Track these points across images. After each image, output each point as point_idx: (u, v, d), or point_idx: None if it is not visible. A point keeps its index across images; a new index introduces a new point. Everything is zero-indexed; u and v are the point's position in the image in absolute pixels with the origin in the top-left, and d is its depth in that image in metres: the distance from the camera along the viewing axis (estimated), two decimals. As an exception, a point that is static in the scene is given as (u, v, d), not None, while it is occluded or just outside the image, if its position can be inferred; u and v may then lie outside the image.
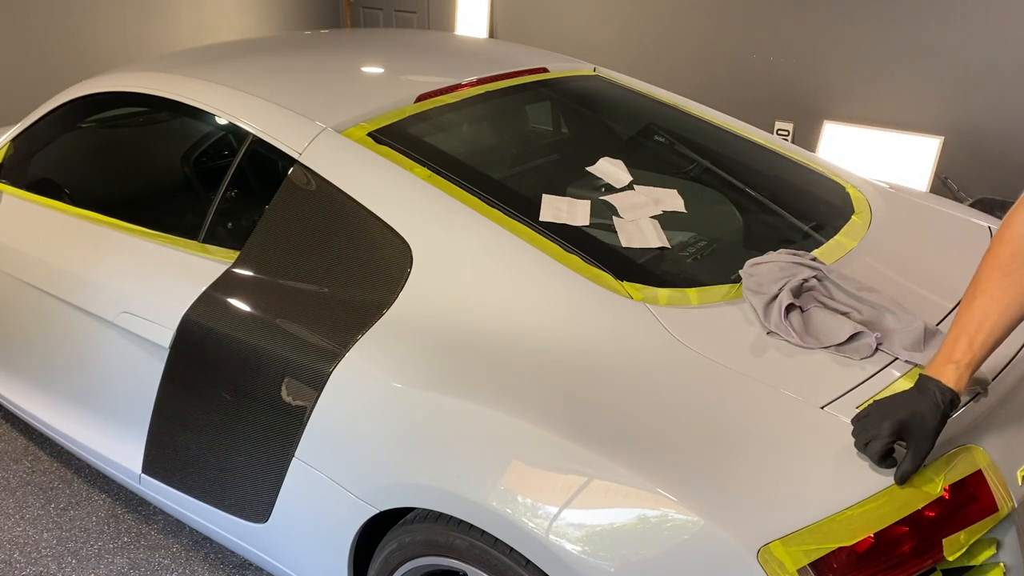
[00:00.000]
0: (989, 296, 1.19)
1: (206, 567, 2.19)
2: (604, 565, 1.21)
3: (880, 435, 1.18)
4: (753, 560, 1.15)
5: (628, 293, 1.48)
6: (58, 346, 2.16)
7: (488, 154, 2.01)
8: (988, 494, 1.26)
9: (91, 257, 2.03)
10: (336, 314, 1.59)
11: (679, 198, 1.83)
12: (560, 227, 1.63)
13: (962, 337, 1.20)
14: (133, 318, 1.87)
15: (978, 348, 1.19)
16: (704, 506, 1.18)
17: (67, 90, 2.31)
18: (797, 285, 1.48)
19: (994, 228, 1.95)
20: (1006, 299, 1.18)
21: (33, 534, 2.30)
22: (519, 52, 2.42)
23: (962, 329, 1.21)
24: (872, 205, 1.97)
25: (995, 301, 1.19)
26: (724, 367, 1.37)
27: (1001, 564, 1.29)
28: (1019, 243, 1.19)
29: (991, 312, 1.18)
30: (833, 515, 1.17)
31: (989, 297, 1.19)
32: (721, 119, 2.36)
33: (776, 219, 1.90)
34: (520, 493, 1.28)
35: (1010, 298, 1.18)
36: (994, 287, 1.19)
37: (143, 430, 1.96)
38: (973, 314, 1.20)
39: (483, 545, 1.37)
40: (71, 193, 2.29)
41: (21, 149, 2.43)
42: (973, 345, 1.18)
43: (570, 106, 2.30)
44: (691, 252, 1.71)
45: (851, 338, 1.41)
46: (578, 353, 1.41)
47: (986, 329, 1.19)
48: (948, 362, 1.20)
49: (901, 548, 1.19)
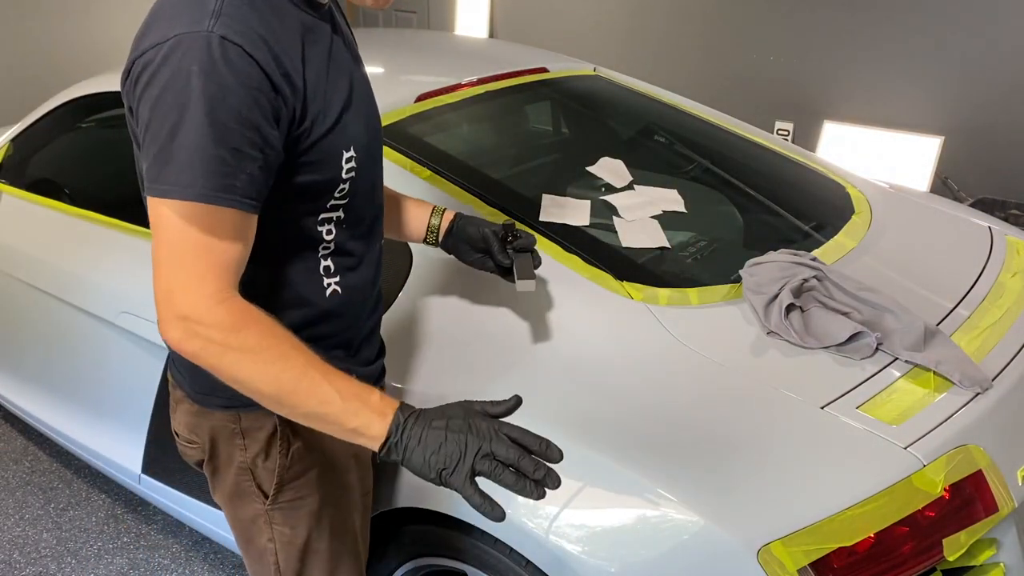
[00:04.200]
0: None
1: (206, 567, 2.19)
2: (604, 565, 1.21)
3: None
4: (753, 560, 1.15)
5: (628, 293, 1.48)
6: (58, 346, 2.16)
7: (488, 154, 2.01)
8: (988, 494, 1.26)
9: (91, 257, 2.03)
10: (336, 314, 1.59)
11: (679, 198, 1.82)
12: (560, 227, 1.62)
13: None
14: (133, 318, 1.87)
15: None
16: (704, 506, 1.18)
17: (67, 90, 2.31)
18: (797, 285, 1.48)
19: (994, 228, 1.95)
20: None
21: (33, 534, 2.30)
22: (519, 52, 2.42)
23: None
24: (872, 205, 1.97)
25: None
26: (724, 367, 1.37)
27: (1001, 564, 1.29)
28: None
29: None
30: (833, 515, 1.17)
31: None
32: (721, 119, 2.36)
33: (776, 219, 1.90)
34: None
35: None
36: None
37: (143, 430, 1.96)
38: None
39: (483, 545, 1.37)
40: (71, 193, 2.29)
41: (21, 149, 2.42)
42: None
43: (570, 106, 2.30)
44: (691, 252, 1.70)
45: (851, 338, 1.41)
46: (578, 353, 1.41)
47: None
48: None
49: (901, 548, 1.19)
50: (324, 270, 1.12)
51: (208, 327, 0.91)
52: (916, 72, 3.77)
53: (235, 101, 0.91)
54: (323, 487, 1.22)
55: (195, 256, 0.93)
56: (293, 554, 1.22)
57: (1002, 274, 1.73)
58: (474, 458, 0.91)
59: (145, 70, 0.93)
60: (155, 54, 0.92)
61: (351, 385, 0.94)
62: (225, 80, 0.91)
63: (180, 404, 1.23)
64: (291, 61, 0.98)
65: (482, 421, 0.94)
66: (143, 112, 0.94)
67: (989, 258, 1.79)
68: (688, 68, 4.53)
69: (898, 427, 1.27)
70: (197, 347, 0.92)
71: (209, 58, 0.90)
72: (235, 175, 0.93)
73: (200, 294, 0.92)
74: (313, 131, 1.02)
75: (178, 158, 0.91)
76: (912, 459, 1.23)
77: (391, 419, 0.92)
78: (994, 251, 1.83)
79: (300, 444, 1.18)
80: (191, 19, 0.92)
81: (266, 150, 0.95)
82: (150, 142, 0.93)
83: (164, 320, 0.93)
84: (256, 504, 1.20)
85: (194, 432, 1.21)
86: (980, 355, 1.45)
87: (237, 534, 1.26)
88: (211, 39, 0.91)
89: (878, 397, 1.33)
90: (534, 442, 0.94)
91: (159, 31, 0.94)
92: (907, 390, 1.35)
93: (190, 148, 0.90)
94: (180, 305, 0.92)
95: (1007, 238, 1.91)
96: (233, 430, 1.17)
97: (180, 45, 0.91)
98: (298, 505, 1.20)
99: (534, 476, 0.91)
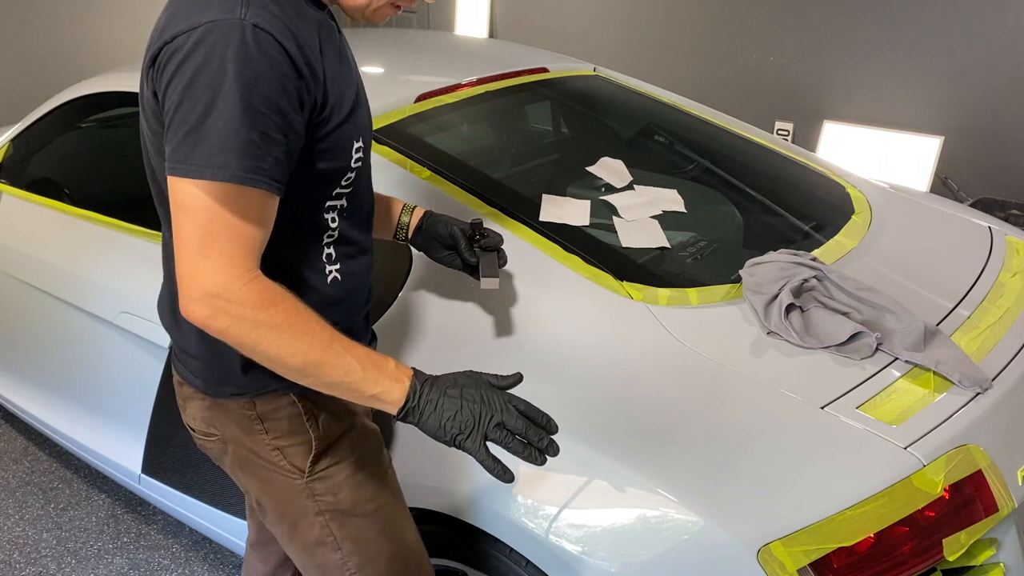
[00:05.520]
0: None
1: (206, 567, 2.19)
2: (604, 565, 1.21)
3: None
4: (753, 560, 1.15)
5: (628, 293, 1.48)
6: (58, 346, 2.16)
7: (488, 154, 2.01)
8: (988, 494, 1.26)
9: (91, 257, 2.03)
10: (336, 314, 1.59)
11: (679, 198, 1.82)
12: (560, 227, 1.62)
13: None
14: (133, 318, 1.87)
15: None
16: (704, 506, 1.18)
17: (67, 90, 2.31)
18: (797, 285, 1.48)
19: (994, 228, 1.95)
20: None
21: (33, 534, 2.30)
22: (519, 52, 2.42)
23: None
24: (872, 205, 1.97)
25: None
26: (724, 367, 1.37)
27: (1001, 564, 1.29)
28: None
29: None
30: (833, 515, 1.17)
31: None
32: (721, 119, 2.36)
33: (776, 219, 1.90)
34: (520, 493, 1.28)
35: None
36: None
37: (143, 430, 1.96)
38: None
39: (483, 545, 1.37)
40: (71, 193, 2.29)
41: (21, 149, 2.42)
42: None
43: (570, 106, 2.30)
44: (691, 252, 1.70)
45: (851, 338, 1.41)
46: (578, 353, 1.41)
47: None
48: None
49: (901, 548, 1.19)
50: (327, 257, 1.15)
51: (239, 304, 0.95)
52: (916, 72, 3.77)
53: (266, 87, 0.94)
54: (356, 450, 1.23)
55: (225, 236, 0.96)
56: (344, 520, 1.22)
57: (1002, 274, 1.73)
58: (487, 426, 1.01)
59: (175, 54, 0.95)
60: (186, 39, 0.94)
61: (370, 355, 1.02)
62: (258, 66, 0.94)
63: (190, 400, 1.23)
64: (312, 52, 1.01)
65: (493, 393, 1.03)
66: (172, 94, 0.95)
67: (989, 258, 1.79)
68: (688, 68, 4.53)
69: (898, 427, 1.27)
70: (226, 323, 0.96)
71: (243, 44, 0.93)
72: (264, 158, 0.96)
73: (231, 273, 0.95)
74: (331, 119, 1.05)
75: (210, 139, 0.93)
76: (912, 459, 1.23)
77: (408, 385, 1.01)
78: (994, 251, 1.83)
79: (325, 414, 1.20)
80: (222, 7, 0.95)
81: (290, 135, 0.99)
82: (179, 123, 0.95)
83: (191, 298, 0.96)
84: (294, 481, 1.20)
85: (211, 425, 1.22)
86: (980, 355, 1.45)
87: (279, 520, 1.24)
88: (244, 26, 0.94)
89: (878, 397, 1.33)
90: (538, 415, 1.05)
91: (188, 18, 0.96)
92: (907, 390, 1.35)
93: (223, 130, 0.93)
94: (209, 284, 0.95)
95: (1007, 238, 1.91)
96: (250, 416, 1.18)
97: (213, 30, 0.93)
98: (335, 471, 1.21)
99: (539, 445, 1.02)
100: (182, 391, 1.25)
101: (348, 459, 1.22)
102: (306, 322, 0.99)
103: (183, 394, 1.25)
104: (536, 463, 1.02)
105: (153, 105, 1.01)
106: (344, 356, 0.99)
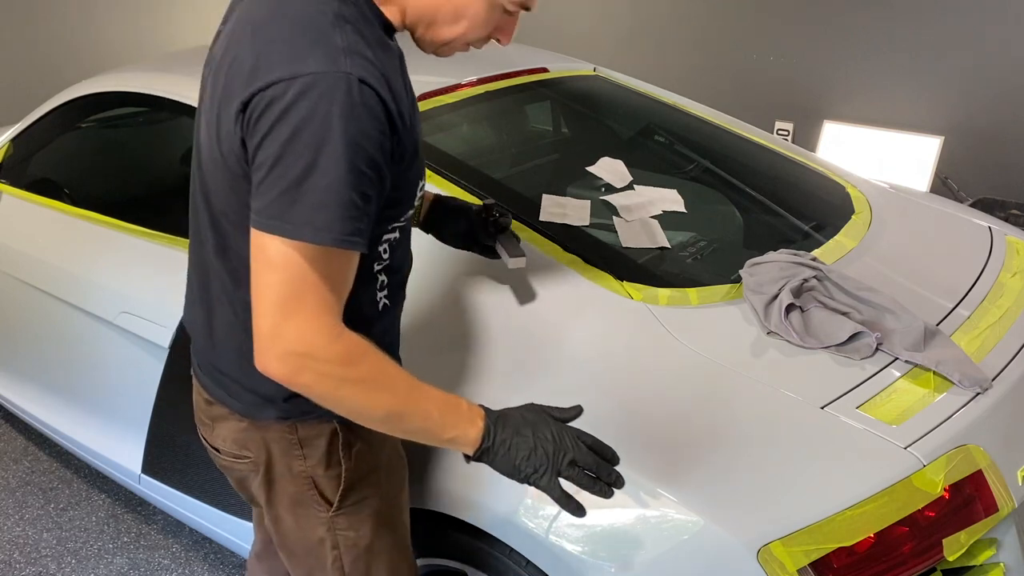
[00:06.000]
0: None
1: (206, 567, 2.19)
2: (604, 565, 1.21)
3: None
4: (753, 560, 1.15)
5: (628, 293, 1.48)
6: (58, 346, 2.16)
7: (488, 154, 2.01)
8: (988, 494, 1.26)
9: (91, 257, 2.03)
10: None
11: (679, 198, 1.82)
12: (560, 227, 1.62)
13: None
14: (133, 318, 1.87)
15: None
16: (704, 506, 1.18)
17: (67, 90, 2.31)
18: (797, 285, 1.48)
19: (994, 228, 1.95)
20: None
21: (33, 534, 2.30)
22: (519, 52, 2.42)
23: None
24: (872, 205, 1.97)
25: None
26: (724, 367, 1.37)
27: (1001, 564, 1.29)
28: None
29: None
30: (833, 515, 1.17)
31: None
32: (721, 119, 2.36)
33: (776, 219, 1.90)
34: (520, 493, 1.28)
35: None
36: None
37: (143, 430, 1.96)
38: None
39: (483, 545, 1.37)
40: (71, 193, 2.29)
41: (21, 149, 2.42)
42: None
43: (570, 106, 2.30)
44: (691, 252, 1.70)
45: (851, 338, 1.41)
46: (577, 353, 1.41)
47: None
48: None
49: (901, 548, 1.19)
50: (379, 286, 1.14)
51: (326, 362, 0.93)
52: (916, 72, 3.77)
53: (368, 145, 0.92)
54: (383, 485, 1.22)
55: (314, 295, 0.93)
56: (359, 556, 1.21)
57: (1002, 274, 1.73)
58: (560, 464, 1.02)
59: (272, 105, 0.90)
60: (284, 89, 0.90)
61: (445, 399, 1.02)
62: (363, 125, 0.91)
63: (223, 421, 1.19)
64: (400, 98, 0.98)
65: (563, 430, 1.05)
66: (269, 147, 0.91)
67: (989, 258, 1.79)
68: (688, 68, 4.53)
69: (898, 427, 1.27)
70: (310, 381, 0.94)
71: (348, 101, 0.89)
72: (361, 218, 0.94)
73: (318, 331, 0.93)
74: (409, 164, 1.04)
75: (310, 199, 0.90)
76: (912, 459, 1.23)
77: (482, 427, 1.02)
78: (994, 251, 1.83)
79: (361, 444, 1.18)
80: (324, 56, 0.91)
81: (382, 190, 0.98)
82: (276, 179, 0.91)
83: (273, 356, 0.93)
84: (319, 513, 1.18)
85: (244, 447, 1.18)
86: (980, 355, 1.45)
87: (291, 544, 1.22)
88: (351, 82, 0.90)
89: (878, 397, 1.33)
90: (605, 449, 1.07)
91: (284, 65, 0.91)
92: (907, 390, 1.35)
93: (325, 191, 0.90)
94: (295, 342, 0.92)
95: (1007, 238, 1.91)
96: (291, 440, 1.15)
97: (317, 84, 0.89)
98: (361, 507, 1.19)
99: (607, 479, 1.05)
100: (211, 410, 1.20)
101: (374, 496, 1.20)
102: (388, 374, 0.99)
103: (213, 414, 1.20)
104: (604, 497, 1.04)
105: (239, 152, 0.97)
106: (423, 403, 1.00)
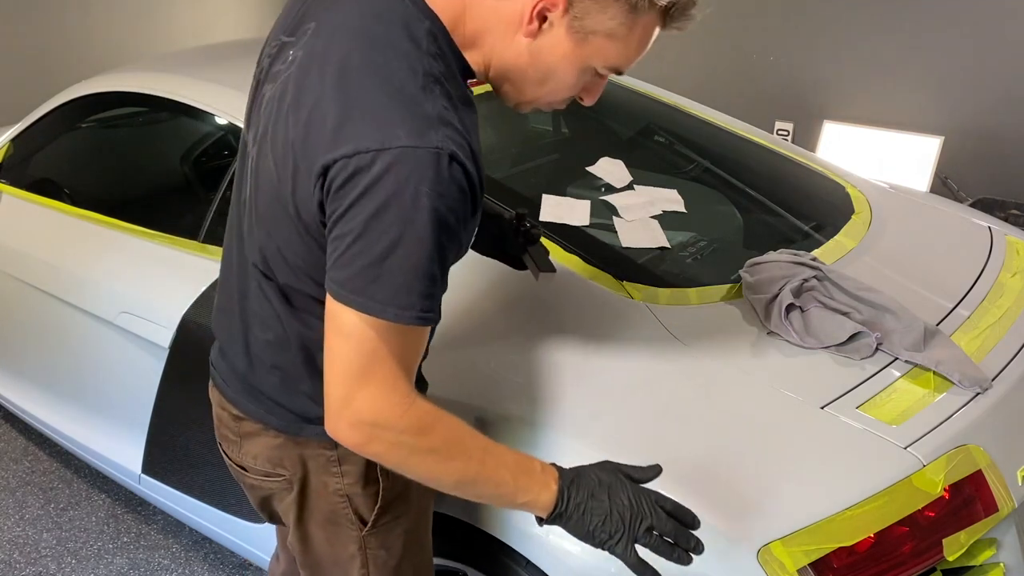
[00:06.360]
0: None
1: (206, 567, 2.19)
2: (604, 565, 1.21)
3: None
4: (753, 560, 1.15)
5: (628, 293, 1.48)
6: (58, 346, 2.16)
7: (488, 154, 2.01)
8: (988, 494, 1.26)
9: (91, 257, 2.03)
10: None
11: (679, 198, 1.82)
12: (560, 227, 1.62)
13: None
14: (133, 318, 1.87)
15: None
16: (704, 506, 1.18)
17: (67, 90, 2.31)
18: (797, 285, 1.48)
19: (994, 228, 1.95)
20: None
21: (33, 534, 2.30)
22: (519, 52, 2.41)
23: None
24: (872, 205, 1.97)
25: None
26: (724, 367, 1.37)
27: (1001, 564, 1.29)
28: None
29: None
30: (833, 515, 1.17)
31: None
32: (721, 119, 2.36)
33: (776, 219, 1.90)
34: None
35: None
36: None
37: (143, 430, 1.96)
38: None
39: (484, 545, 1.37)
40: (71, 193, 2.29)
41: (21, 149, 2.42)
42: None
43: (570, 106, 2.30)
44: (691, 252, 1.70)
45: (851, 338, 1.41)
46: (578, 353, 1.41)
47: None
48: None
49: (901, 548, 1.19)
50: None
51: (398, 432, 0.93)
52: (916, 72, 3.77)
53: (454, 221, 0.89)
54: (416, 504, 1.20)
55: (388, 366, 0.92)
56: (384, 574, 1.18)
57: (1002, 274, 1.73)
58: (637, 531, 0.98)
59: (357, 177, 0.86)
60: (371, 160, 0.86)
61: (518, 461, 1.00)
62: (453, 203, 0.88)
63: (254, 437, 1.15)
64: (480, 162, 0.95)
65: (641, 494, 1.00)
66: (352, 219, 0.88)
67: (989, 258, 1.79)
68: (688, 68, 4.52)
69: (898, 427, 1.27)
70: (382, 449, 0.94)
71: (439, 179, 0.86)
72: (439, 291, 0.93)
73: (391, 401, 0.92)
74: (476, 217, 1.00)
75: (393, 278, 0.88)
76: (912, 459, 1.23)
77: (556, 490, 0.99)
78: (994, 251, 1.83)
79: None
80: (414, 127, 0.87)
81: (458, 256, 0.97)
82: (358, 252, 0.88)
83: (345, 424, 0.93)
84: (352, 532, 1.15)
85: (279, 465, 1.14)
86: (980, 355, 1.45)
87: (317, 560, 1.20)
88: (441, 158, 0.86)
89: (878, 397, 1.33)
90: (686, 514, 1.02)
91: (371, 133, 0.87)
92: (907, 390, 1.35)
93: (409, 272, 0.88)
94: (367, 412, 0.92)
95: (1007, 238, 1.91)
96: (330, 458, 1.12)
97: (405, 160, 0.85)
98: (393, 526, 1.17)
99: (686, 546, 1.00)
100: (241, 427, 1.16)
101: (408, 514, 1.18)
102: (461, 441, 0.97)
103: (243, 430, 1.16)
104: (683, 564, 1.00)
105: (315, 212, 0.93)
106: (497, 470, 0.98)
